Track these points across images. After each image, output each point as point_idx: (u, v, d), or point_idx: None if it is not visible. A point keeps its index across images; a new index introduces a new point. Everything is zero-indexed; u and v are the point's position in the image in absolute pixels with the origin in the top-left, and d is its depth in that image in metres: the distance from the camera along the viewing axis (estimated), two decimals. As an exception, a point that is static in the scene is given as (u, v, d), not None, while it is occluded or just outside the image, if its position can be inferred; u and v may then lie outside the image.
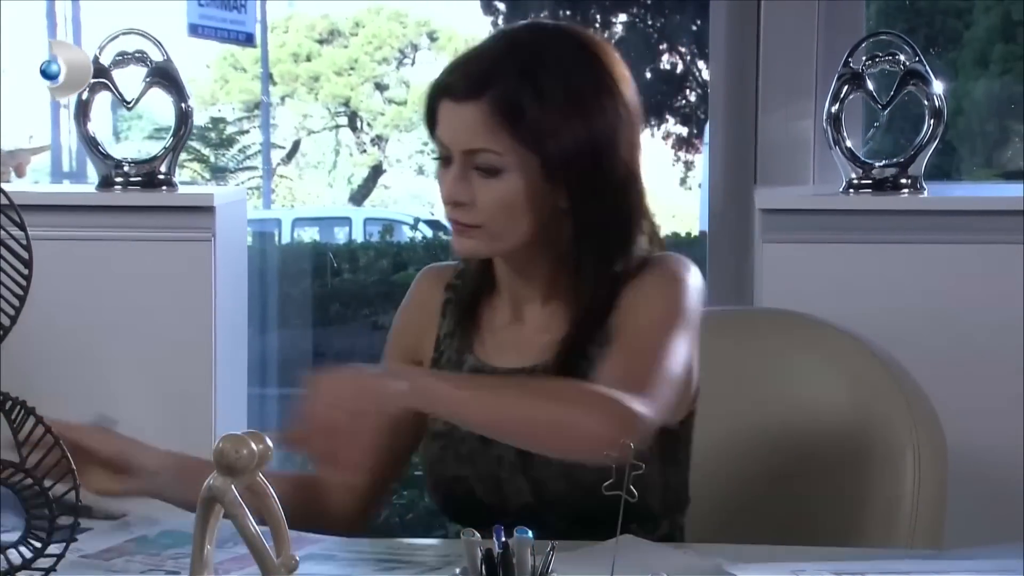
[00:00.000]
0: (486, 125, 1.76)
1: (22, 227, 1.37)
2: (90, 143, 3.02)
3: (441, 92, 1.80)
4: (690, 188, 6.73)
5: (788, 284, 2.85)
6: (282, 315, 4.90)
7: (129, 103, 3.03)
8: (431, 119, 1.83)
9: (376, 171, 7.09)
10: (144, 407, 2.94)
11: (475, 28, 6.90)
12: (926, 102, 2.89)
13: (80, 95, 3.00)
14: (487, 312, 1.93)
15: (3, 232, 1.37)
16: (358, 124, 7.09)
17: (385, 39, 7.10)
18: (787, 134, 3.14)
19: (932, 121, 2.88)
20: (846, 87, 2.90)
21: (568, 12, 6.37)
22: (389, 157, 7.15)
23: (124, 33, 3.03)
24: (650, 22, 6.54)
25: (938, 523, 2.02)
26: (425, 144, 7.16)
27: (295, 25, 7.15)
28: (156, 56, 3.03)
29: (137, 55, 3.02)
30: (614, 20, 6.48)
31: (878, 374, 2.10)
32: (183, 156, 3.08)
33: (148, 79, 3.03)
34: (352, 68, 7.04)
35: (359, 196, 7.08)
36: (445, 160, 1.81)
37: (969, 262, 2.82)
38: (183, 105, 3.03)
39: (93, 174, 3.09)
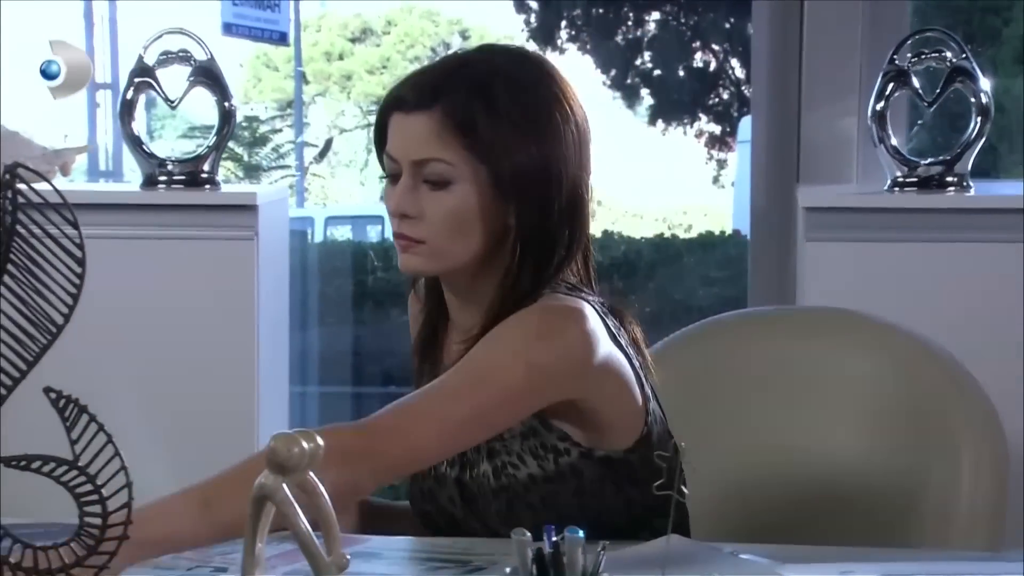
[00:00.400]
0: (437, 135, 1.73)
1: (75, 226, 1.37)
2: (134, 142, 3.03)
3: (392, 107, 1.77)
4: (723, 186, 6.71)
5: (831, 283, 2.84)
6: (318, 313, 4.91)
7: (173, 102, 3.04)
8: (381, 137, 1.80)
9: (409, 169, 7.09)
10: (187, 405, 2.95)
11: (507, 27, 6.90)
12: (973, 99, 2.87)
13: (124, 94, 3.01)
14: (444, 342, 1.89)
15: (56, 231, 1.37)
16: (391, 123, 7.09)
17: (417, 38, 7.10)
18: (830, 132, 3.13)
19: (979, 118, 2.87)
20: (892, 84, 2.89)
21: (601, 11, 6.37)
22: (419, 156, 7.14)
23: (168, 32, 3.04)
24: (683, 20, 6.53)
25: (996, 524, 1.99)
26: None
27: (327, 24, 7.16)
28: (199, 55, 3.03)
29: (181, 54, 3.03)
30: (647, 18, 6.48)
31: (936, 371, 2.08)
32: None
33: (191, 78, 3.04)
34: (384, 67, 7.04)
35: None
36: (393, 177, 1.77)
37: (1015, 261, 2.80)
38: (226, 104, 3.04)
39: (129, 173, 3.11)
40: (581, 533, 1.31)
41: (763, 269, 3.12)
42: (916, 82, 2.90)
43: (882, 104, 2.89)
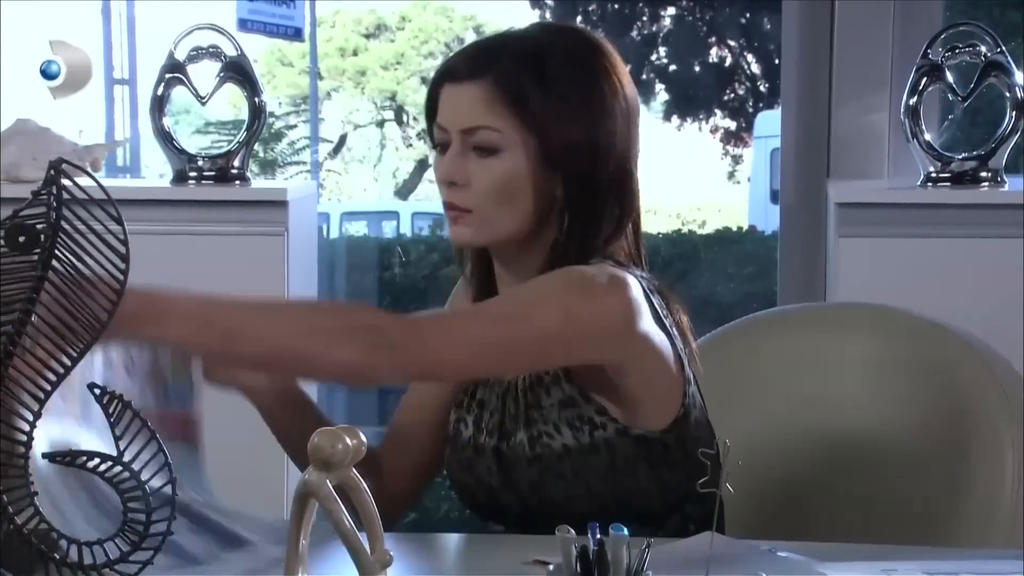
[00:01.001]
0: (486, 103, 1.75)
1: (119, 222, 1.37)
2: (165, 138, 3.03)
3: (443, 78, 1.80)
4: (738, 182, 6.71)
5: (864, 279, 2.83)
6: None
7: (203, 98, 3.04)
8: (432, 110, 1.82)
9: (422, 165, 7.09)
10: (214, 401, 2.94)
11: (521, 22, 6.89)
12: (1008, 94, 2.86)
13: (156, 90, 3.01)
14: None
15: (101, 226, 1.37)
16: (404, 118, 7.10)
17: (431, 33, 7.10)
18: (860, 128, 3.12)
19: (1014, 113, 2.85)
20: (925, 79, 2.88)
21: (616, 5, 6.36)
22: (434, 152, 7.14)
23: (199, 28, 3.04)
24: (699, 15, 6.53)
25: None
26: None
27: (342, 20, 7.16)
28: (230, 51, 3.03)
29: (211, 50, 3.02)
30: (663, 13, 6.47)
31: (977, 368, 2.05)
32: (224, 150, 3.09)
33: (222, 74, 3.03)
34: (399, 62, 7.05)
35: (405, 190, 7.08)
36: (443, 147, 1.80)
37: (1050, 256, 2.79)
38: (256, 100, 3.03)
39: (146, 169, 3.09)
40: (626, 531, 1.30)
41: (793, 265, 3.11)
42: (950, 77, 2.89)
43: (915, 99, 2.88)
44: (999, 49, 2.86)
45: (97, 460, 1.38)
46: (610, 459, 1.78)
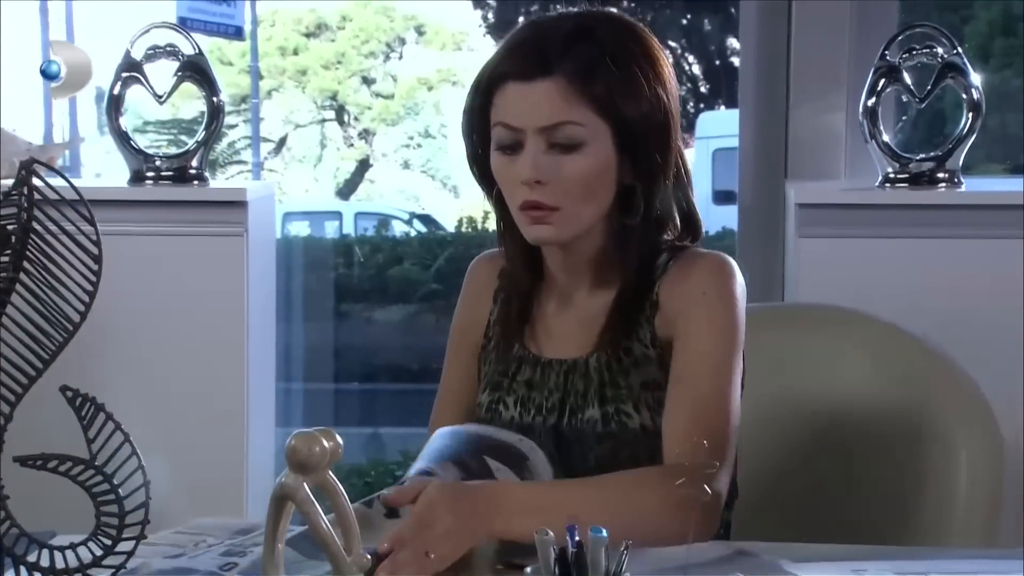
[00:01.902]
0: (563, 98, 1.75)
1: (92, 222, 1.36)
2: (122, 137, 3.00)
3: (503, 78, 1.78)
4: (680, 183, 6.72)
5: (824, 279, 2.85)
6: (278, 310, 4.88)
7: (160, 97, 3.01)
8: (484, 112, 1.82)
9: (363, 165, 7.08)
10: (177, 402, 2.92)
11: (462, 22, 6.90)
12: (964, 95, 2.88)
13: (112, 89, 2.98)
14: (535, 301, 1.93)
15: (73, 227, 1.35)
16: (345, 118, 7.08)
17: (372, 33, 7.09)
18: (818, 128, 3.13)
19: (970, 114, 2.87)
20: (883, 80, 2.89)
21: (558, 7, 6.36)
22: (375, 151, 7.13)
23: (156, 27, 3.01)
24: (639, 16, 6.53)
25: (993, 521, 2.00)
26: (411, 139, 7.13)
27: (282, 19, 7.13)
28: (188, 50, 3.00)
29: (168, 49, 2.99)
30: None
31: (932, 369, 2.09)
32: (175, 151, 3.06)
33: (179, 73, 3.00)
34: (339, 62, 7.02)
35: (346, 190, 7.06)
36: (510, 147, 1.79)
37: (1007, 256, 2.81)
38: (215, 99, 3.01)
39: (84, 170, 3.05)
40: (604, 532, 1.30)
41: (751, 266, 3.11)
42: (907, 78, 2.91)
43: (873, 100, 2.89)
44: (955, 51, 2.88)
45: (69, 464, 1.37)
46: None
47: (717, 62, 6.49)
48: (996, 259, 2.81)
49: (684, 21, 6.57)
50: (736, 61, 5.94)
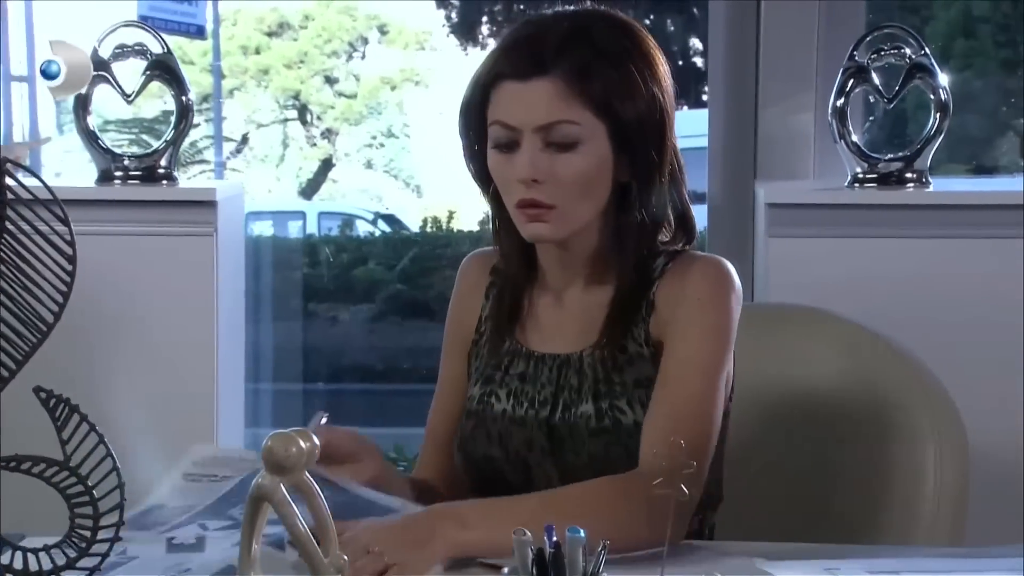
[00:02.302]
0: (560, 97, 1.76)
1: (66, 222, 1.35)
2: (90, 136, 2.98)
3: (500, 77, 1.79)
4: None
5: (793, 279, 2.86)
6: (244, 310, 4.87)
7: (129, 96, 2.99)
8: (481, 110, 1.83)
9: (327, 165, 7.05)
10: (146, 403, 2.90)
11: (426, 21, 6.88)
12: (932, 96, 2.90)
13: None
14: (528, 297, 1.95)
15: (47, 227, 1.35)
16: (308, 118, 7.05)
17: (335, 32, 7.06)
18: (787, 128, 3.15)
19: (938, 114, 2.89)
20: (852, 81, 2.91)
21: (522, 7, 6.36)
22: (338, 151, 7.11)
23: (124, 25, 2.99)
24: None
25: (959, 519, 2.02)
26: (374, 138, 7.11)
27: (243, 18, 7.09)
28: (156, 49, 2.99)
29: (137, 48, 2.98)
30: (559, 9, 6.48)
31: (898, 369, 2.11)
32: (137, 150, 3.05)
33: (148, 72, 2.99)
34: (302, 61, 7.00)
35: (308, 190, 7.03)
36: (506, 145, 1.80)
37: (975, 256, 2.83)
38: (184, 98, 2.99)
39: (44, 170, 3.03)
40: (582, 533, 1.30)
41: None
42: (876, 79, 2.92)
43: (842, 101, 2.91)
44: (923, 52, 2.90)
45: (43, 465, 1.36)
46: None
47: (680, 62, 6.50)
48: (964, 259, 2.84)
49: (647, 22, 6.57)
50: (699, 62, 5.96)
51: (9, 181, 1.38)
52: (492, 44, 6.57)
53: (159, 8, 5.37)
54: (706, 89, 3.24)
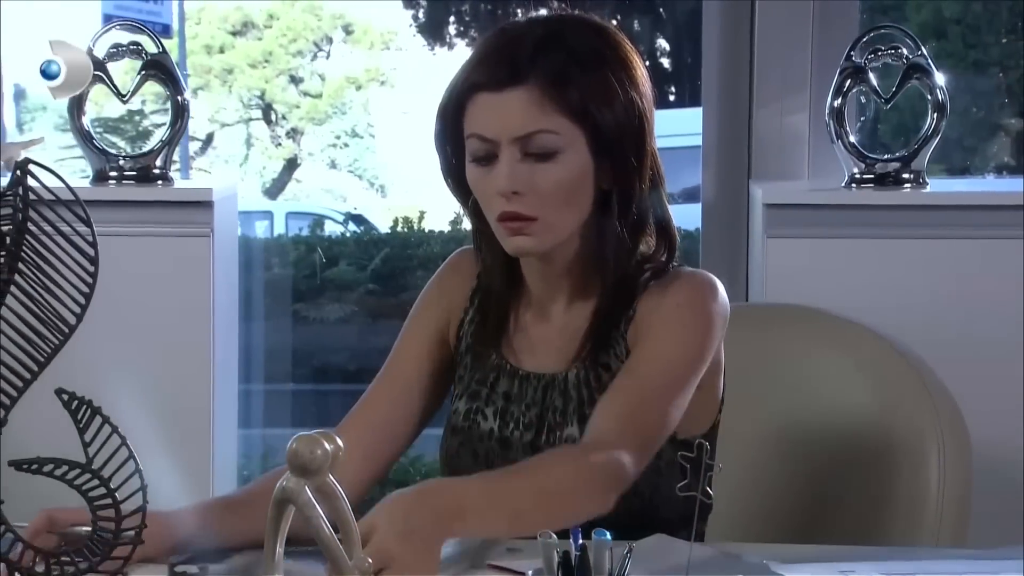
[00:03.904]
0: (537, 106, 1.72)
1: (88, 223, 1.34)
2: (85, 137, 2.95)
3: (473, 88, 1.75)
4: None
5: (791, 279, 2.87)
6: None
7: (124, 96, 2.97)
8: (457, 123, 1.79)
9: (292, 164, 7.02)
10: (144, 404, 2.87)
11: (392, 21, 6.86)
12: (929, 96, 2.91)
13: (75, 88, 2.93)
14: (513, 311, 1.91)
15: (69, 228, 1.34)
16: (273, 117, 7.02)
17: (300, 32, 7.03)
18: (781, 128, 3.15)
19: (935, 115, 2.91)
20: (849, 81, 2.92)
21: (489, 7, 6.36)
22: (303, 151, 7.09)
23: (118, 26, 2.97)
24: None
25: (963, 521, 2.02)
26: (338, 138, 7.09)
27: (207, 17, 7.05)
28: (151, 49, 2.97)
29: (132, 48, 2.96)
30: (534, 15, 6.48)
31: (902, 371, 2.10)
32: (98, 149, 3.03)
33: (143, 72, 2.96)
34: (267, 60, 6.97)
35: (273, 190, 7.00)
36: (484, 158, 1.76)
37: (972, 257, 2.85)
38: (179, 98, 2.98)
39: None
40: (608, 535, 1.30)
41: (714, 265, 3.13)
42: (873, 79, 2.93)
43: (839, 101, 2.92)
44: (919, 52, 2.91)
45: (65, 468, 1.35)
46: (655, 461, 1.77)
47: (648, 63, 6.50)
48: (961, 260, 2.85)
49: (614, 21, 6.57)
50: (666, 62, 5.98)
51: (32, 182, 1.36)
52: (460, 44, 6.56)
53: (124, 7, 5.33)
54: (700, 87, 3.25)
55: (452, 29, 6.30)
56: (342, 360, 5.38)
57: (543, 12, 1.85)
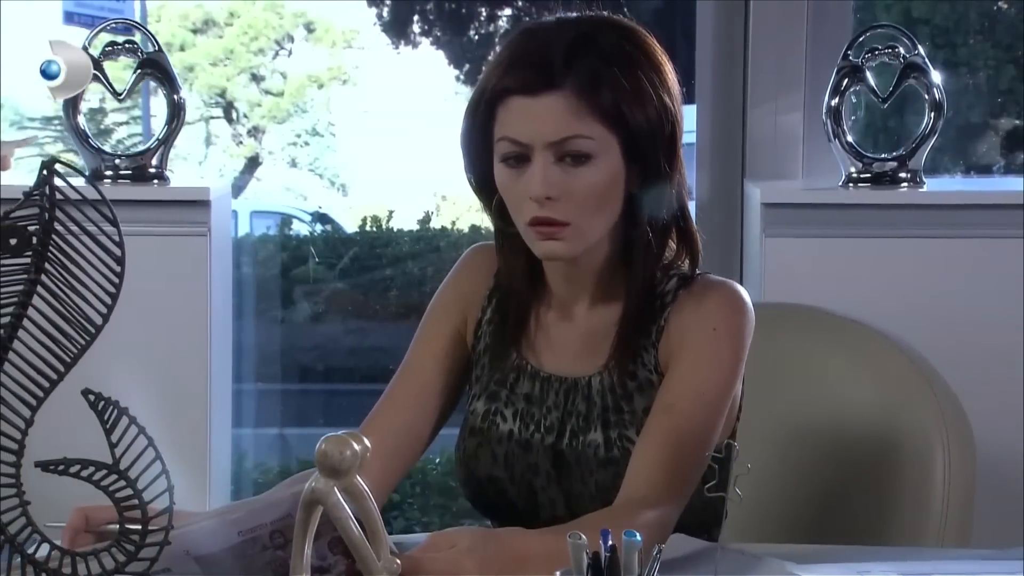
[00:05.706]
0: (573, 112, 1.72)
1: (114, 223, 1.34)
2: (81, 136, 2.93)
3: (507, 92, 1.74)
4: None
5: (789, 278, 2.88)
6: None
7: (120, 94, 2.95)
8: (486, 123, 1.77)
9: (253, 163, 6.99)
10: (140, 403, 2.85)
11: (355, 19, 6.84)
12: (926, 95, 2.93)
13: (71, 86, 2.90)
14: (534, 312, 1.90)
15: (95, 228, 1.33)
16: (234, 116, 6.99)
17: (261, 30, 7.00)
18: (776, 127, 3.16)
19: (932, 114, 2.92)
20: (846, 80, 2.93)
21: (453, 5, 6.35)
22: (264, 149, 7.05)
23: (114, 25, 2.95)
24: (535, 16, 6.54)
25: (967, 520, 2.04)
26: (298, 136, 7.07)
27: (168, 15, 7.01)
28: (148, 47, 2.95)
29: (128, 46, 2.93)
30: (500, 13, 6.48)
31: (907, 371, 2.11)
32: (60, 148, 3.02)
33: (139, 71, 2.94)
34: (228, 59, 6.93)
35: (235, 189, 6.97)
36: (515, 159, 1.75)
37: (969, 256, 2.87)
38: (175, 97, 2.95)
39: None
40: (638, 537, 1.30)
41: (708, 265, 3.12)
42: (870, 78, 2.95)
43: (836, 100, 2.93)
44: (916, 51, 2.93)
45: (92, 468, 1.34)
46: None
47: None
48: (959, 259, 2.87)
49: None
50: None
51: (57, 182, 1.35)
52: (425, 43, 6.51)
53: (85, 5, 5.29)
54: (695, 86, 3.25)
55: (417, 28, 6.28)
56: (311, 359, 5.36)
57: (571, 14, 1.83)
